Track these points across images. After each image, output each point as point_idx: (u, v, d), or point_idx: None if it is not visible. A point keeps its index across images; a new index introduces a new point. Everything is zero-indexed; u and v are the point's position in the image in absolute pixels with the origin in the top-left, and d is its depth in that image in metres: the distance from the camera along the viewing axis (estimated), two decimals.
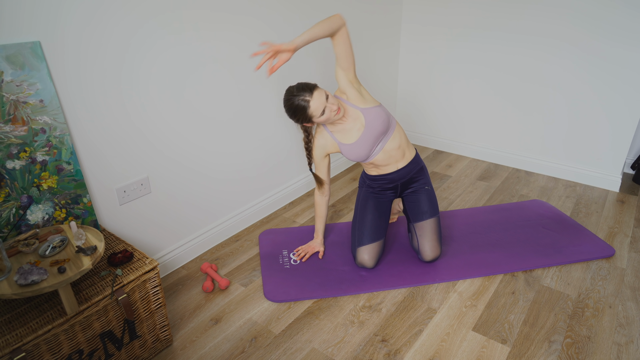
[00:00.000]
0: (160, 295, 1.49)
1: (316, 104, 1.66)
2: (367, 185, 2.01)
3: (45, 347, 1.22)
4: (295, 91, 1.68)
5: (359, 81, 1.77)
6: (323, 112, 1.68)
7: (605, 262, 2.00)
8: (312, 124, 1.77)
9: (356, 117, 1.80)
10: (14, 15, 1.30)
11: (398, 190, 1.99)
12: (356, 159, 1.87)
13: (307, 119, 1.71)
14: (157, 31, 1.67)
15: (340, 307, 1.77)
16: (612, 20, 2.37)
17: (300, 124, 1.76)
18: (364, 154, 1.84)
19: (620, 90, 2.46)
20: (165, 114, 1.80)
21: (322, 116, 1.69)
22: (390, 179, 1.94)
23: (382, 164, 1.89)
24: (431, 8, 2.98)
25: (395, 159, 1.89)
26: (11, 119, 1.34)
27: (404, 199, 2.03)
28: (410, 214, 1.98)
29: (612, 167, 2.64)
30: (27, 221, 1.41)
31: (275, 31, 2.18)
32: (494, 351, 1.55)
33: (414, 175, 1.96)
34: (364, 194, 2.00)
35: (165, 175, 1.87)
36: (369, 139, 1.81)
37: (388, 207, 2.00)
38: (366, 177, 2.00)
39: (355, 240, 1.95)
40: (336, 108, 1.70)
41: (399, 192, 2.00)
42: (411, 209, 1.97)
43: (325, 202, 2.00)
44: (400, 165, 1.92)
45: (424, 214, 1.94)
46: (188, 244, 2.06)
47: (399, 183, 1.96)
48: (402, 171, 1.93)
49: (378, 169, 1.92)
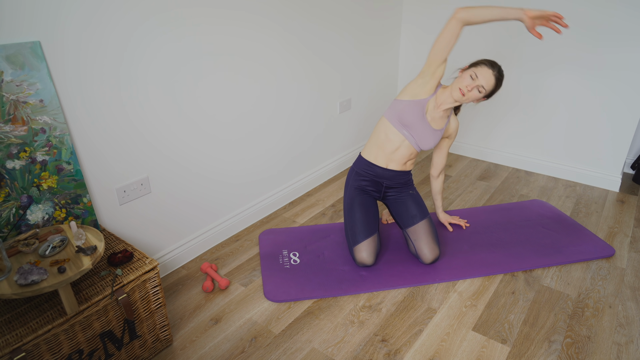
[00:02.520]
0: (160, 295, 1.49)
1: (485, 75, 1.80)
2: (353, 177, 2.04)
3: (45, 347, 1.22)
4: (494, 61, 1.83)
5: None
6: (473, 79, 1.79)
7: (605, 262, 2.00)
8: (459, 73, 1.87)
9: (439, 122, 1.93)
10: (14, 15, 1.30)
11: (381, 192, 2.04)
12: (400, 114, 1.90)
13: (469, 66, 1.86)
14: (156, 30, 1.67)
15: (340, 307, 1.77)
16: (611, 21, 2.37)
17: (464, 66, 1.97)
18: (406, 120, 1.89)
19: (620, 91, 2.46)
20: (165, 113, 1.80)
21: (468, 79, 1.80)
22: (376, 173, 1.99)
23: (387, 148, 1.95)
24: (430, 11, 2.98)
25: (396, 156, 1.95)
26: (11, 119, 1.34)
27: (390, 207, 2.04)
28: (400, 221, 1.99)
29: (612, 167, 2.64)
30: (27, 221, 1.41)
31: (278, 29, 2.17)
32: (494, 351, 1.55)
33: (398, 183, 2.03)
34: (349, 194, 2.02)
35: (165, 175, 1.87)
36: (417, 131, 1.90)
37: (374, 203, 2.02)
38: (357, 166, 2.04)
39: (351, 241, 1.95)
40: (471, 91, 1.80)
41: (382, 194, 2.05)
42: (400, 215, 1.99)
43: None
44: (392, 166, 1.98)
45: (414, 218, 1.95)
46: (188, 244, 2.06)
47: (382, 183, 2.00)
48: (388, 172, 1.98)
49: (378, 150, 1.97)
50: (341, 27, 2.59)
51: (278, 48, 2.22)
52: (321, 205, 2.55)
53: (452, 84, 1.85)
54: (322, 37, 2.48)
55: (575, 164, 2.75)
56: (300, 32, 2.33)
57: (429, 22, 3.02)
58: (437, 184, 2.18)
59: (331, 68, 2.61)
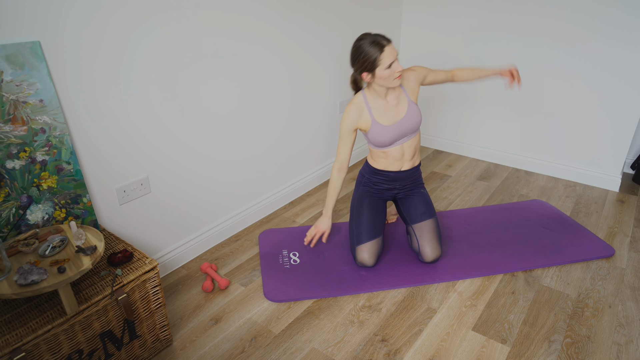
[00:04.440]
0: (160, 295, 1.49)
1: (389, 52, 1.67)
2: (364, 184, 2.01)
3: (45, 347, 1.22)
4: (373, 35, 1.69)
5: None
6: (390, 65, 1.68)
7: (605, 262, 2.00)
8: (371, 78, 1.73)
9: (401, 103, 1.82)
10: (14, 15, 1.30)
11: (394, 192, 2.00)
12: (377, 143, 1.86)
13: (371, 66, 1.68)
14: (156, 31, 1.67)
15: (340, 307, 1.77)
16: (612, 20, 2.37)
17: (359, 71, 1.74)
18: (387, 142, 1.85)
19: (620, 90, 2.46)
20: (165, 113, 1.80)
21: (387, 69, 1.68)
22: (391, 177, 1.95)
23: (393, 157, 1.91)
24: (430, 9, 2.98)
25: (406, 157, 1.92)
26: (11, 119, 1.34)
27: (399, 203, 2.03)
28: (408, 216, 1.98)
29: (612, 167, 2.64)
30: (27, 221, 1.41)
31: (277, 31, 2.18)
32: (494, 351, 1.55)
33: (413, 180, 2.00)
34: (360, 193, 2.01)
35: (165, 175, 1.87)
36: (400, 130, 1.84)
37: (384, 205, 2.01)
38: (367, 171, 2.00)
39: (354, 240, 1.95)
40: (400, 70, 1.70)
41: (395, 194, 2.02)
42: (408, 211, 1.98)
43: (341, 179, 1.97)
44: (405, 167, 1.94)
45: (423, 215, 1.94)
46: (188, 244, 2.06)
47: (396, 185, 1.97)
48: (403, 173, 1.95)
49: (387, 160, 1.92)
50: (341, 26, 2.59)
51: (277, 48, 2.22)
52: (321, 205, 2.55)
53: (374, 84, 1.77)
54: (322, 36, 2.48)
55: (575, 163, 2.75)
56: (300, 33, 2.33)
57: (429, 21, 3.02)
58: (465, 71, 1.96)
59: (330, 67, 2.61)
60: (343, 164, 1.93)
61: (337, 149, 1.94)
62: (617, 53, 2.41)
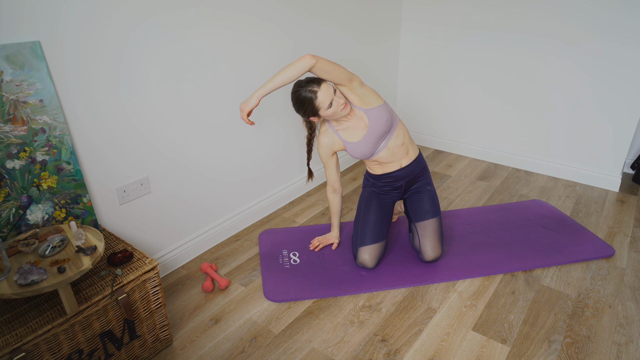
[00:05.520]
0: (160, 295, 1.49)
1: (324, 95, 1.67)
2: (370, 185, 2.01)
3: (45, 347, 1.22)
4: (304, 83, 1.69)
5: (363, 85, 1.79)
6: (330, 105, 1.69)
7: (605, 262, 2.00)
8: (318, 119, 1.77)
9: (360, 117, 1.81)
10: (14, 15, 1.30)
11: (402, 190, 1.99)
12: (361, 156, 1.88)
13: (313, 112, 1.71)
14: (156, 30, 1.67)
15: (340, 307, 1.77)
16: (611, 20, 2.37)
17: (306, 117, 1.76)
18: (369, 152, 1.85)
19: (620, 90, 2.46)
20: (165, 113, 1.80)
21: (329, 109, 1.70)
22: (394, 177, 1.94)
23: (386, 161, 1.90)
24: (431, 7, 2.98)
25: (399, 156, 1.90)
26: (11, 119, 1.34)
27: (406, 199, 2.03)
28: (412, 214, 1.98)
29: (612, 167, 2.64)
30: (26, 221, 1.41)
31: (277, 31, 2.18)
32: (494, 351, 1.55)
33: (418, 174, 1.98)
34: (368, 194, 2.01)
35: (165, 175, 1.87)
36: (373, 138, 1.82)
37: (391, 209, 2.01)
38: (370, 176, 2.01)
39: (357, 240, 1.95)
40: (343, 102, 1.71)
41: (403, 193, 2.01)
42: (413, 209, 1.98)
43: (339, 198, 2.04)
44: (404, 162, 1.93)
45: (427, 214, 1.94)
46: (188, 244, 2.06)
47: (403, 182, 1.96)
48: (405, 169, 1.93)
49: (382, 166, 1.93)
50: (341, 25, 2.59)
51: (277, 45, 2.22)
52: (321, 205, 2.55)
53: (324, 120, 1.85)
54: (322, 36, 2.48)
55: (575, 163, 2.75)
56: (300, 32, 2.33)
57: (429, 20, 3.02)
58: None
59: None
60: (335, 186, 2.00)
61: (325, 174, 2.00)
62: (617, 53, 2.41)
